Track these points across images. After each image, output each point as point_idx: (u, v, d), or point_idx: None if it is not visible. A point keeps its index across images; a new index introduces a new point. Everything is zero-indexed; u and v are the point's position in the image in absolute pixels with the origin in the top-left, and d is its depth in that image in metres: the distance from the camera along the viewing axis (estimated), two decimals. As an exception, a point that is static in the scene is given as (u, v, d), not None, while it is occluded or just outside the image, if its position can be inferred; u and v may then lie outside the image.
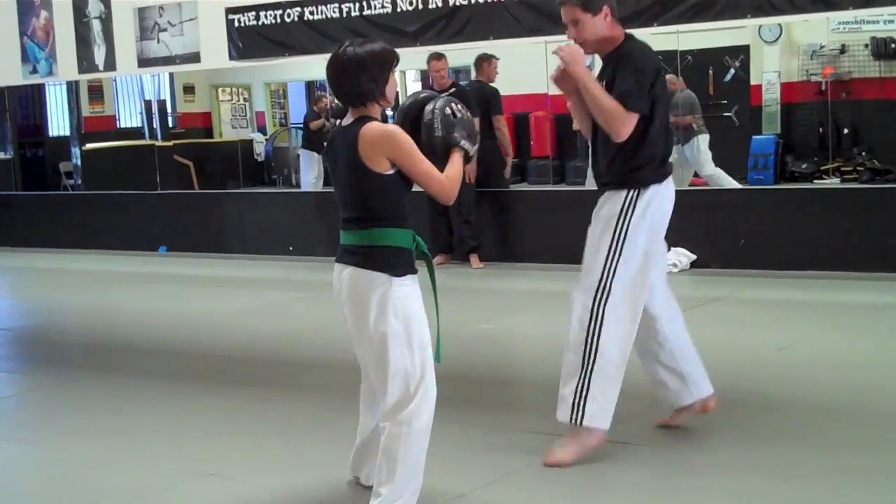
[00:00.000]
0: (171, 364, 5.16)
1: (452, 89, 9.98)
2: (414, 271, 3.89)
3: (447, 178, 3.87)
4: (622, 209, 4.50)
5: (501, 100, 10.93)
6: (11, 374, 7.08)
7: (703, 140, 12.42)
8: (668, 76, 13.02)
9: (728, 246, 9.23)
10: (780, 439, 4.77)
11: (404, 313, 3.80)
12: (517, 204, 10.74)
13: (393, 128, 3.83)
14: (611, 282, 4.50)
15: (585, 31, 4.42)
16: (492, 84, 10.91)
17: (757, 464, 4.43)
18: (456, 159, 3.93)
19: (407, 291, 3.82)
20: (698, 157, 12.38)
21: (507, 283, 9.59)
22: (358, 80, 3.86)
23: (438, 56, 10.23)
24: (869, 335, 6.88)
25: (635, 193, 4.49)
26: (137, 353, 7.11)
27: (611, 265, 4.51)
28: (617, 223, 4.51)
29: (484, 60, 11.00)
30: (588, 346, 4.47)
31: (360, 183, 3.84)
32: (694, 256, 9.30)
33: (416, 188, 3.91)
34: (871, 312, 7.65)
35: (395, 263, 3.84)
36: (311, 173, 14.37)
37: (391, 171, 3.82)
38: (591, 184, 12.82)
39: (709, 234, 9.39)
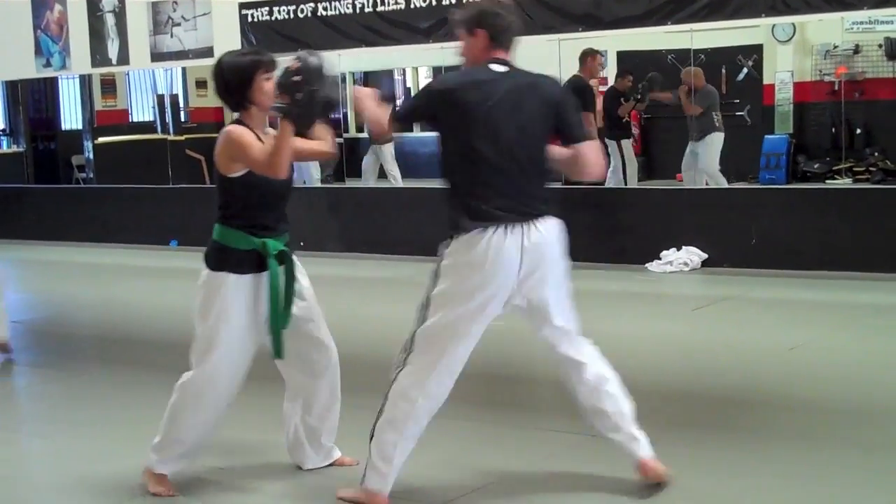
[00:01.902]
0: (181, 358, 5.18)
1: None
2: (236, 270, 4.12)
3: (262, 154, 4.03)
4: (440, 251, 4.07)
5: (595, 96, 10.79)
6: (22, 367, 7.09)
7: (718, 139, 12.32)
8: (686, 69, 13.02)
9: (739, 245, 9.22)
10: (791, 439, 4.76)
11: (205, 305, 4.14)
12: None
13: (229, 128, 4.13)
14: (413, 333, 4.06)
15: (463, 49, 4.24)
16: (592, 79, 10.75)
17: (768, 463, 4.43)
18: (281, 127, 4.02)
19: (215, 283, 4.13)
20: (708, 152, 12.32)
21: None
22: (221, 89, 4.21)
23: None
24: (880, 335, 6.86)
25: (449, 238, 4.02)
26: (148, 347, 7.13)
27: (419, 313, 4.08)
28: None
29: (589, 55, 10.76)
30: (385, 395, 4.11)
31: (216, 182, 4.25)
32: (705, 255, 9.29)
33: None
34: (882, 312, 7.63)
35: (216, 259, 4.18)
36: (312, 167, 14.26)
37: (239, 174, 4.12)
38: (610, 182, 12.89)
39: (720, 233, 9.38)
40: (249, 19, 9.43)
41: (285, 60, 4.12)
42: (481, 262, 3.90)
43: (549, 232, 4.06)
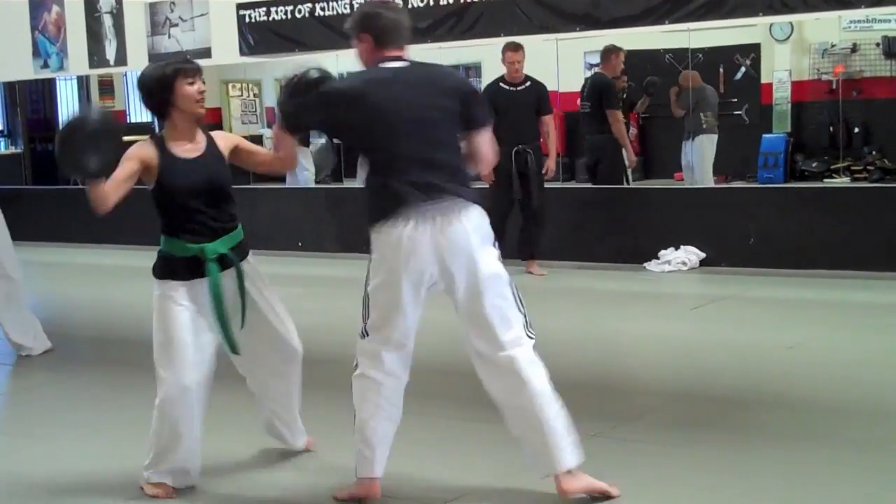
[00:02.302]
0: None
1: (528, 83, 9.58)
2: (179, 277, 4.28)
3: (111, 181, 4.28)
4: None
5: (616, 93, 10.73)
6: (19, 368, 7.09)
7: (707, 140, 12.29)
8: (683, 72, 13.02)
9: (737, 244, 9.22)
10: (790, 438, 4.76)
11: (156, 311, 4.34)
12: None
13: (135, 144, 4.35)
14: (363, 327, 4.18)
15: (358, 55, 4.28)
16: (614, 77, 10.67)
17: (766, 462, 4.43)
18: None
19: (162, 293, 4.31)
20: (696, 153, 12.36)
21: (517, 280, 9.58)
22: (144, 100, 4.39)
23: (515, 47, 9.45)
24: (878, 334, 6.87)
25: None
26: (145, 349, 7.10)
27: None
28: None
29: (612, 52, 10.70)
30: None
31: None
32: (703, 255, 9.29)
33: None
34: (880, 311, 7.63)
35: (158, 267, 4.38)
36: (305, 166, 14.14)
37: (151, 187, 4.37)
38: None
39: (718, 232, 9.39)
40: (247, 20, 9.42)
41: (281, 62, 4.15)
42: (396, 255, 3.98)
43: (465, 224, 4.01)
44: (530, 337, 4.20)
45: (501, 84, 9.57)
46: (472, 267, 4.04)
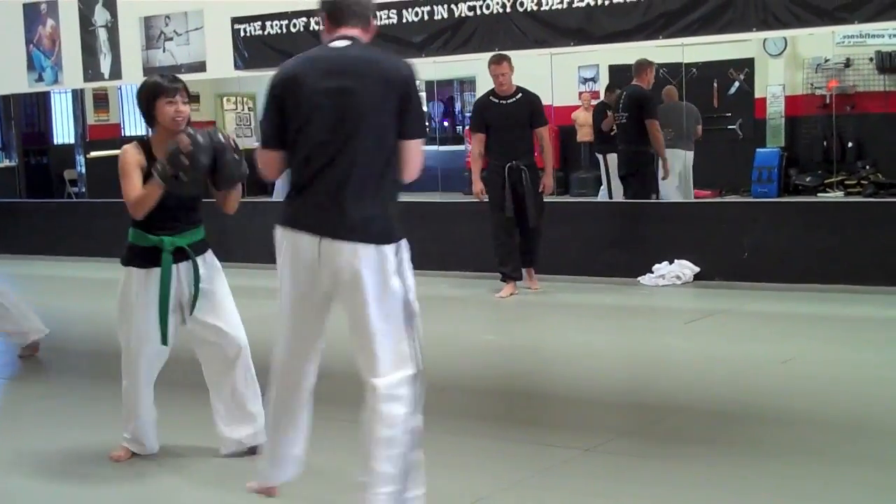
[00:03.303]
0: (172, 373, 5.17)
1: (519, 95, 9.14)
2: (135, 264, 4.79)
3: (133, 192, 4.67)
4: None
5: (656, 105, 10.77)
6: (13, 382, 7.08)
7: (672, 155, 12.36)
8: (666, 88, 13.08)
9: (731, 259, 9.23)
10: (783, 452, 4.76)
11: (120, 296, 4.91)
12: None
13: (124, 148, 4.75)
14: None
15: None
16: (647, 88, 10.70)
17: (760, 477, 4.42)
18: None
19: (125, 279, 4.85)
20: (664, 167, 12.40)
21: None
22: (139, 107, 4.81)
23: (498, 59, 9.12)
24: (872, 348, 6.87)
25: None
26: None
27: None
28: None
29: (646, 66, 10.72)
30: None
31: None
32: (697, 269, 9.29)
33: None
34: (874, 326, 7.64)
35: (126, 256, 4.87)
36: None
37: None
38: (603, 196, 12.86)
39: (712, 246, 9.39)
40: (242, 34, 9.44)
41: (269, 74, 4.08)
42: (285, 261, 3.81)
43: (356, 248, 3.66)
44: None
45: (491, 97, 9.25)
46: (361, 306, 3.76)
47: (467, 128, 19.10)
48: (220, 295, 4.85)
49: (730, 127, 15.57)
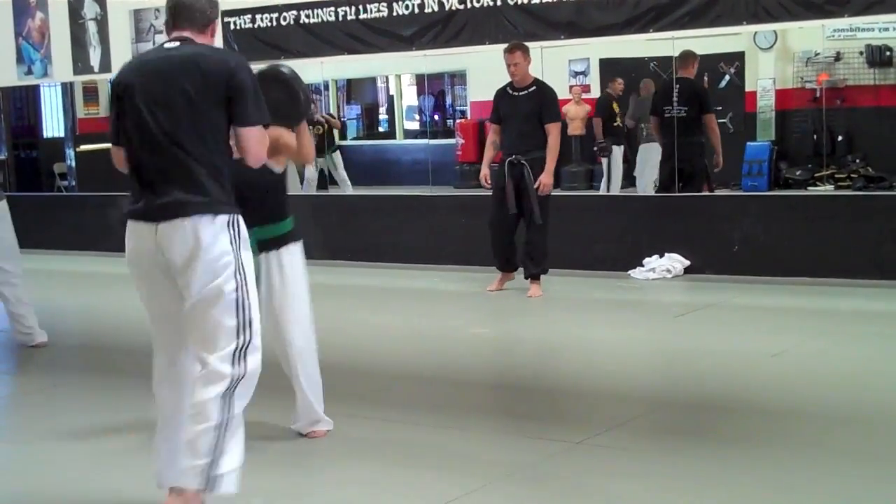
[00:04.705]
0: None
1: (533, 88, 8.70)
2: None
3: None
4: None
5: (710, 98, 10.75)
6: (2, 376, 7.06)
7: (645, 150, 12.49)
8: (644, 81, 13.16)
9: (722, 252, 9.24)
10: (774, 445, 4.77)
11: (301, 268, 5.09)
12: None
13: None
14: None
15: None
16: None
17: (750, 470, 4.43)
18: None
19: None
20: (639, 162, 12.50)
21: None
22: None
23: (510, 48, 8.65)
24: (862, 341, 6.89)
25: None
26: (130, 356, 7.08)
27: None
28: None
29: (693, 57, 10.62)
30: None
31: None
32: (688, 262, 9.30)
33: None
34: (864, 319, 7.65)
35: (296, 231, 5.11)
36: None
37: None
38: (603, 189, 12.88)
39: (702, 240, 9.40)
40: (232, 27, 9.43)
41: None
42: (128, 256, 3.99)
43: (186, 231, 3.79)
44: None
45: (508, 88, 8.81)
46: (194, 287, 3.90)
47: (458, 121, 19.21)
48: (290, 294, 5.00)
49: (720, 121, 15.57)
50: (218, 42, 4.18)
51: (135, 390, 6.01)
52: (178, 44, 3.96)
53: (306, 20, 9.74)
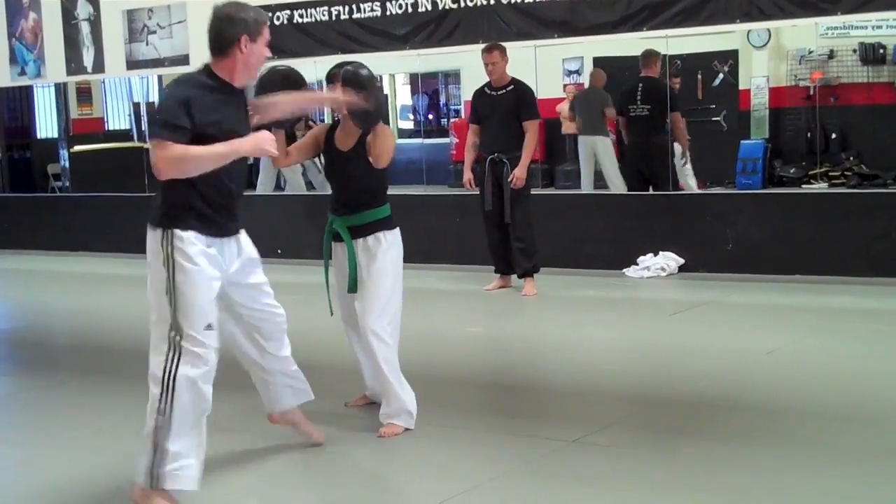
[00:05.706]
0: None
1: (511, 87, 8.70)
2: None
3: None
4: None
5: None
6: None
7: (602, 143, 12.57)
8: (592, 71, 13.39)
9: (716, 250, 9.25)
10: (767, 442, 4.77)
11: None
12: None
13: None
14: None
15: None
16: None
17: (745, 468, 4.44)
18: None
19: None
20: (601, 156, 12.56)
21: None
22: None
23: (488, 48, 8.71)
24: (856, 339, 6.90)
25: None
26: (124, 356, 7.08)
27: None
28: None
29: (657, 56, 10.68)
30: None
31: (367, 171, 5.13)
32: (682, 260, 9.31)
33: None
34: (858, 316, 7.66)
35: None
36: (262, 175, 13.85)
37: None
38: (587, 188, 12.87)
39: (697, 238, 9.41)
40: (225, 27, 9.39)
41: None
42: None
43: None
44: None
45: (485, 88, 8.84)
46: None
47: (452, 120, 19.20)
48: (374, 279, 5.13)
49: (714, 119, 15.59)
50: (259, 52, 4.34)
51: (130, 389, 6.01)
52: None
53: (300, 20, 9.74)
